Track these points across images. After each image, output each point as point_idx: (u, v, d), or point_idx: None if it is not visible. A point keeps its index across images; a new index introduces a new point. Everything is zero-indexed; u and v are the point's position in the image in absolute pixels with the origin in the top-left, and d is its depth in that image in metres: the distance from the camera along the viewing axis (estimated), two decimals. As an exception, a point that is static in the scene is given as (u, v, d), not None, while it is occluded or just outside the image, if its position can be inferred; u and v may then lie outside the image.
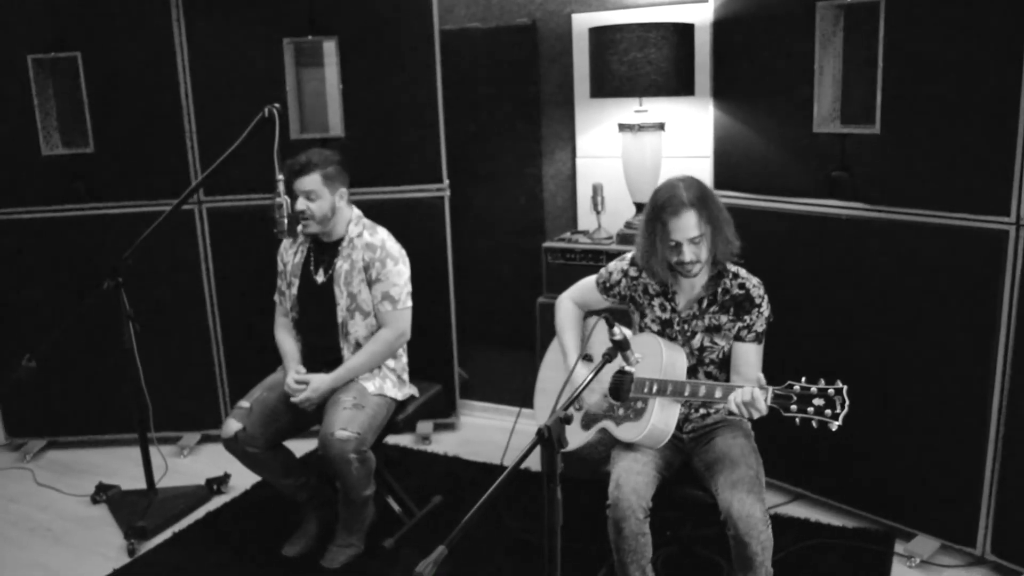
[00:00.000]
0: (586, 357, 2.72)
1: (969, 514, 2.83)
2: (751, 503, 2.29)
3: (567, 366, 2.69)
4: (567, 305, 2.81)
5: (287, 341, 3.13)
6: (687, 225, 2.41)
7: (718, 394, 2.33)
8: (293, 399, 2.95)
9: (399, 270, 3.03)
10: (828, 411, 2.13)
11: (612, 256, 2.91)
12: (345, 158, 3.08)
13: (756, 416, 2.24)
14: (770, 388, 2.22)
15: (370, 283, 3.01)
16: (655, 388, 2.43)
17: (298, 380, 2.95)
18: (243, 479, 3.51)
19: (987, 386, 2.72)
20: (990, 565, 2.86)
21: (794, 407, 2.17)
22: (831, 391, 2.14)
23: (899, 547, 3.00)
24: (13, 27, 3.68)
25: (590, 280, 2.78)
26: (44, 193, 3.83)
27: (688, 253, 2.43)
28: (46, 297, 3.89)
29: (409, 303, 3.06)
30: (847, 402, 2.12)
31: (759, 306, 2.53)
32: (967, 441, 2.79)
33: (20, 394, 3.92)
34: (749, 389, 2.23)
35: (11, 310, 3.93)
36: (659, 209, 2.44)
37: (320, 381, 2.95)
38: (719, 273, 2.54)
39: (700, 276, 2.54)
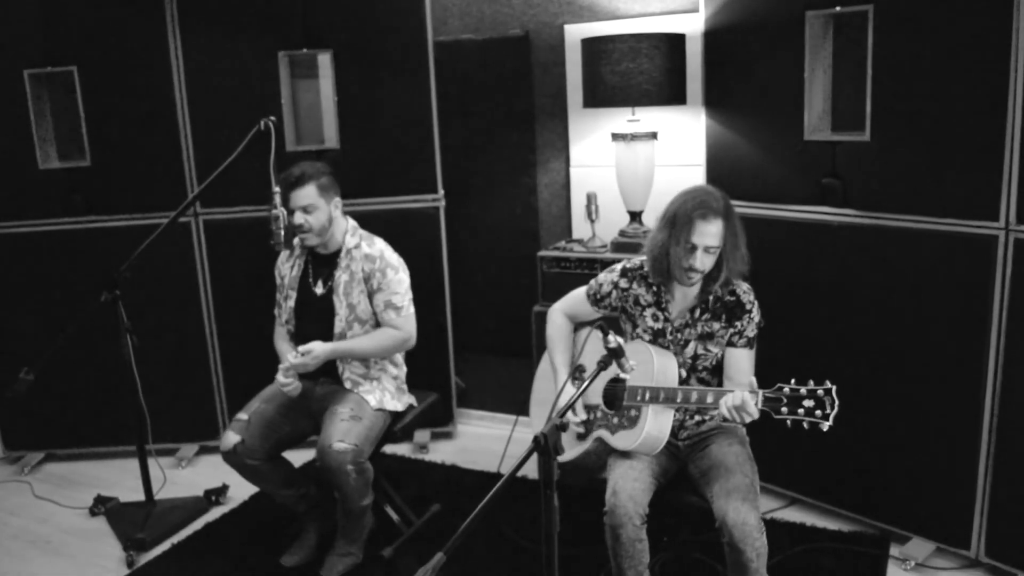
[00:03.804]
0: (579, 368, 2.72)
1: (963, 517, 2.85)
2: (746, 511, 2.30)
3: (556, 384, 2.71)
4: (558, 320, 2.81)
5: (285, 345, 3.15)
6: (712, 232, 2.44)
7: (710, 399, 2.34)
8: (291, 364, 2.92)
9: (400, 278, 3.04)
10: (818, 412, 2.15)
11: (607, 264, 2.92)
12: (340, 169, 3.11)
13: (748, 420, 2.26)
14: (760, 391, 2.24)
15: (371, 294, 3.03)
16: (648, 396, 2.44)
17: (300, 350, 2.93)
18: (241, 490, 3.52)
19: (979, 389, 2.74)
20: (985, 567, 2.88)
21: (784, 409, 2.19)
22: (820, 392, 2.16)
23: (894, 550, 3.02)
24: (9, 42, 3.70)
25: (580, 292, 2.78)
26: (41, 207, 3.84)
27: (699, 260, 2.45)
28: (44, 310, 3.90)
29: (412, 309, 3.08)
30: (836, 402, 2.15)
31: (749, 312, 2.55)
32: (960, 444, 2.81)
33: (18, 407, 3.92)
34: (739, 393, 2.25)
35: (9, 323, 3.94)
36: (691, 209, 2.45)
37: (321, 348, 2.93)
38: (709, 280, 2.56)
39: (693, 287, 2.56)
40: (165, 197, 3.77)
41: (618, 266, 2.72)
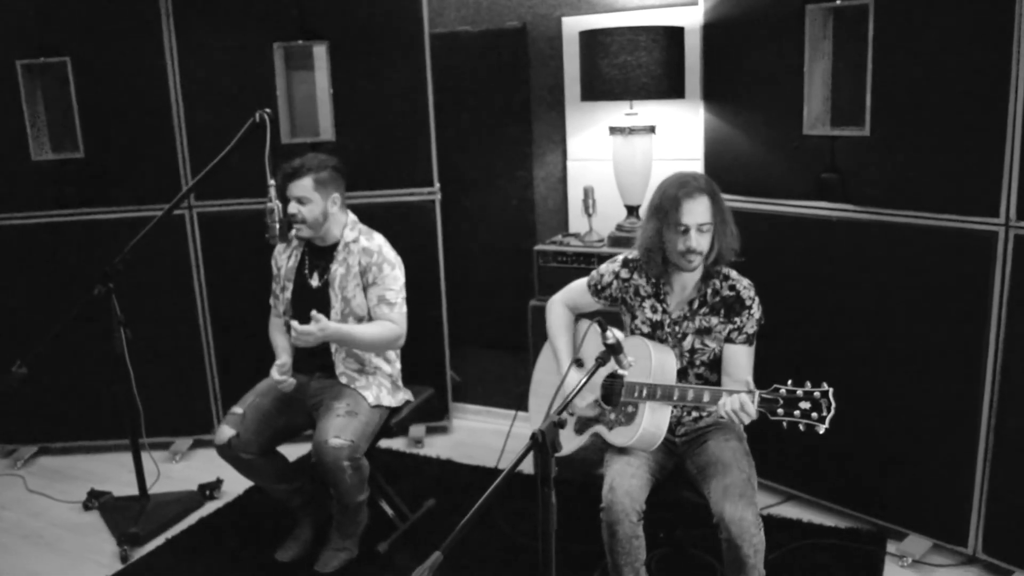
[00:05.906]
0: (578, 362, 2.72)
1: (961, 513, 2.85)
2: (743, 507, 2.29)
3: (559, 371, 2.70)
4: (558, 309, 2.81)
5: (280, 338, 3.13)
6: (699, 210, 2.43)
7: (706, 398, 2.33)
8: (295, 342, 2.85)
9: (395, 275, 3.03)
10: (814, 414, 2.14)
11: (603, 258, 2.91)
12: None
13: (747, 421, 2.25)
14: (757, 392, 2.22)
15: (366, 287, 3.01)
16: (645, 392, 2.43)
17: (314, 315, 2.82)
18: (236, 484, 3.51)
19: (978, 386, 2.73)
20: (982, 564, 2.88)
21: (781, 410, 2.18)
22: (817, 394, 2.14)
23: (891, 547, 3.02)
24: (2, 32, 3.66)
25: (581, 282, 2.78)
26: (34, 199, 3.81)
27: (694, 240, 2.44)
28: (36, 303, 3.88)
29: (404, 308, 3.06)
30: (833, 405, 2.13)
31: (749, 308, 2.54)
32: (958, 441, 2.80)
33: (11, 400, 3.90)
34: (737, 397, 2.23)
35: (1, 316, 3.92)
36: (673, 192, 2.45)
37: (328, 323, 2.82)
38: (709, 274, 2.55)
39: (692, 276, 2.55)
40: (159, 189, 3.75)
41: (620, 256, 2.72)
